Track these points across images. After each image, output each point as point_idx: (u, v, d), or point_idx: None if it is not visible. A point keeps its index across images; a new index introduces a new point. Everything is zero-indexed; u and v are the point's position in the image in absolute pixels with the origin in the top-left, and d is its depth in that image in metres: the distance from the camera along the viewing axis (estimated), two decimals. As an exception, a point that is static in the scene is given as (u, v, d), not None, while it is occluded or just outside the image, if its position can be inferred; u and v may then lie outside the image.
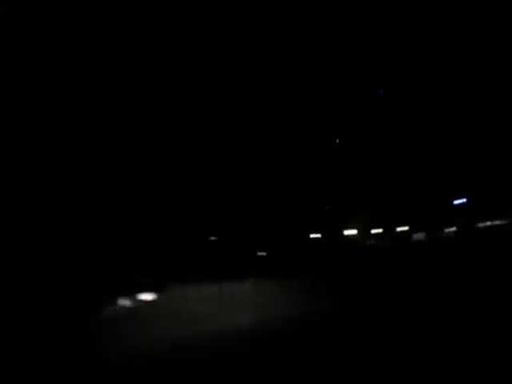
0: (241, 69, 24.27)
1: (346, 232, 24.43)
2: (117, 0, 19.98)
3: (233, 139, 23.61)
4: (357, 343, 5.26)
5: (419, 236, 23.35)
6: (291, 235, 20.11)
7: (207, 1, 20.77)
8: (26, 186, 16.56)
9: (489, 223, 21.35)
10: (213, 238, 16.95)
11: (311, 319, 6.75)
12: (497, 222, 20.80)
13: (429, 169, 21.94)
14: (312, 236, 21.91)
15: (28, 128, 18.18)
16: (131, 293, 8.64)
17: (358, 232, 23.47)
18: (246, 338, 5.78)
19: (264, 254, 16.84)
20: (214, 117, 24.72)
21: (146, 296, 8.65)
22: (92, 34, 19.82)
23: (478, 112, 20.69)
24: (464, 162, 21.24)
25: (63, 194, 17.12)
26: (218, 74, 23.93)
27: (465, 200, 21.34)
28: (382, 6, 19.28)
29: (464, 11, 16.05)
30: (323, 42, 22.38)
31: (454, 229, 22.74)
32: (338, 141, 23.70)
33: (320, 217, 22.40)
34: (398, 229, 23.83)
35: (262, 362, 4.69)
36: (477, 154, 20.68)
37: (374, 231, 24.63)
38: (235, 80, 24.25)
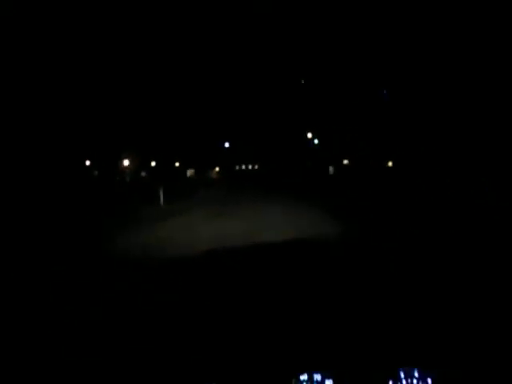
0: (241, 68, 26.41)
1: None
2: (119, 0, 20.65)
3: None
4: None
5: (190, 172, 26.42)
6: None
7: (208, 1, 22.14)
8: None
9: (244, 166, 25.68)
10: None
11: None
12: (249, 166, 25.27)
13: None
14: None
15: (27, 127, 18.31)
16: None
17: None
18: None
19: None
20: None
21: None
22: (92, 34, 19.91)
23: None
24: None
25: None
26: (218, 72, 26.06)
27: (228, 145, 24.77)
28: (383, 7, 19.12)
29: (466, 13, 15.57)
30: (325, 42, 23.10)
31: (217, 168, 26.46)
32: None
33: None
34: (176, 164, 26.31)
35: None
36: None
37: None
38: (234, 79, 26.92)
